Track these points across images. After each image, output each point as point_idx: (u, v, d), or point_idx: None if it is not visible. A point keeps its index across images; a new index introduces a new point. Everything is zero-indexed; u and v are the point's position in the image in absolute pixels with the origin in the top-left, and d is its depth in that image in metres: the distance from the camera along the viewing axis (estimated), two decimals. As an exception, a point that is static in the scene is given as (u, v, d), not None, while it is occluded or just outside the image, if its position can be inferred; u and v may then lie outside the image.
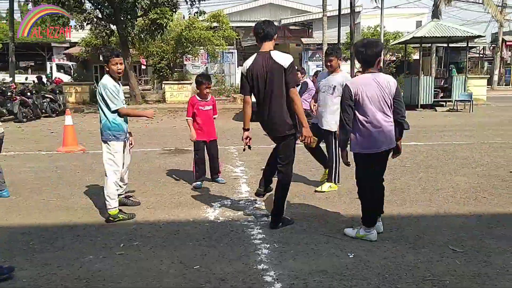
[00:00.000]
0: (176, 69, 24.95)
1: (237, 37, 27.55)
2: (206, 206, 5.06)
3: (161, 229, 4.36)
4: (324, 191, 5.55)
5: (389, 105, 3.84)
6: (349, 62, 20.89)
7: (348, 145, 3.98)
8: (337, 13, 23.01)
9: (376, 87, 3.79)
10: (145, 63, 27.47)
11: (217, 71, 26.94)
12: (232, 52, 27.88)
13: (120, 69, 4.60)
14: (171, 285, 3.18)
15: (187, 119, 6.06)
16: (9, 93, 14.10)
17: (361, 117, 3.83)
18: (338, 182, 5.69)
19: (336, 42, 21.74)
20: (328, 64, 5.62)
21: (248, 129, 4.42)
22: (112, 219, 4.56)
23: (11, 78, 17.84)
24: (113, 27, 19.03)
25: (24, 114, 14.08)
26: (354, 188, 5.66)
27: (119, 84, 4.68)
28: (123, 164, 4.81)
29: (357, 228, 4.07)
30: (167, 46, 23.18)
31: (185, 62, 26.21)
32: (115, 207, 4.59)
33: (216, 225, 4.47)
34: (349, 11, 21.17)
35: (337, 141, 5.52)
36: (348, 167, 4.35)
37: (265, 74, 4.08)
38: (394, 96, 3.85)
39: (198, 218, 4.69)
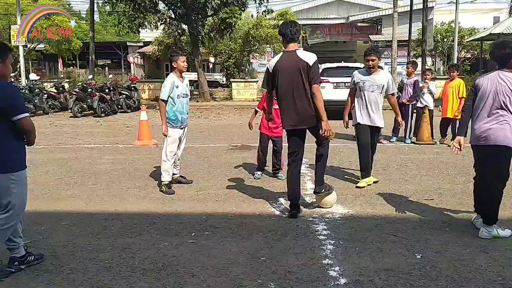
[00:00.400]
0: (242, 67, 25.40)
1: (303, 35, 27.47)
2: (272, 201, 5.20)
3: (229, 220, 4.55)
4: (363, 186, 5.71)
5: (506, 103, 3.87)
6: (420, 59, 20.12)
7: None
8: (408, 9, 22.29)
9: (498, 84, 3.90)
10: (212, 62, 28.19)
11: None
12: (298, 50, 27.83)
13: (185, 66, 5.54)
14: (239, 273, 3.35)
15: (255, 108, 6.48)
16: (89, 90, 15.14)
17: (478, 110, 4.02)
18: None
19: (407, 39, 21.07)
20: (370, 63, 5.70)
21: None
22: (160, 188, 5.61)
23: (91, 76, 19.04)
24: (184, 26, 19.73)
25: (102, 109, 15.03)
26: (421, 190, 5.59)
27: (182, 80, 5.55)
28: (178, 148, 5.73)
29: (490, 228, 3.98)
30: (235, 44, 23.67)
31: (251, 60, 26.60)
32: (166, 181, 5.58)
33: (281, 219, 4.59)
34: (421, 6, 20.39)
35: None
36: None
37: (292, 70, 4.40)
38: None
39: (265, 212, 4.83)
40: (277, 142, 6.30)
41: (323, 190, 4.78)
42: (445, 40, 26.11)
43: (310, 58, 4.41)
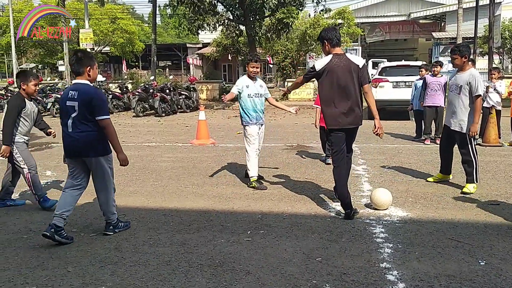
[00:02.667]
0: (299, 67, 25.33)
1: (361, 33, 26.96)
2: (328, 202, 5.16)
3: (285, 220, 4.57)
4: (472, 192, 5.38)
5: None
6: (486, 57, 19.09)
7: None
8: (474, 5, 21.19)
9: None
10: (271, 62, 28.33)
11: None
12: (356, 49, 27.34)
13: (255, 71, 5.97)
14: (294, 273, 3.35)
15: (316, 107, 7.18)
16: (151, 90, 15.74)
17: None
18: (477, 181, 5.51)
19: (472, 36, 20.06)
20: (452, 62, 5.57)
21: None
22: (250, 184, 5.86)
23: (153, 77, 19.76)
24: (242, 27, 19.99)
25: (163, 109, 15.57)
26: (486, 194, 5.31)
27: (253, 81, 5.97)
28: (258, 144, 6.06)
29: None
30: (292, 44, 23.66)
31: (308, 60, 26.47)
32: (253, 176, 5.87)
33: (337, 220, 4.54)
34: (488, 2, 19.34)
35: (472, 141, 5.50)
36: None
37: (344, 71, 4.57)
38: None
39: (320, 212, 4.80)
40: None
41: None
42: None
43: (360, 60, 4.71)
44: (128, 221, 4.50)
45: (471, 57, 12.80)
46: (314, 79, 4.85)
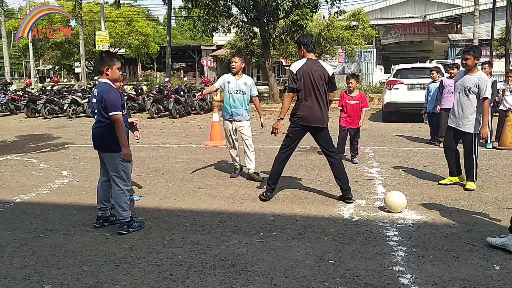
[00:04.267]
0: (313, 69, 25.27)
1: (376, 35, 26.78)
2: (340, 204, 5.14)
3: (297, 222, 4.57)
4: (475, 188, 5.59)
5: None
6: (503, 59, 18.83)
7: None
8: (490, 6, 20.92)
9: None
10: (288, 63, 28.31)
11: (354, 71, 26.54)
12: (371, 51, 27.18)
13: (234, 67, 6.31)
14: (306, 275, 3.35)
15: (339, 109, 7.70)
16: (165, 92, 15.86)
17: None
18: (476, 179, 5.70)
19: (489, 38, 19.80)
20: (464, 62, 5.58)
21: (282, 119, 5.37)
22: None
23: (167, 78, 19.91)
24: (256, 29, 20.02)
25: (177, 111, 15.67)
26: (502, 198, 5.25)
27: (236, 77, 6.32)
28: (234, 140, 6.46)
29: (504, 236, 3.77)
30: (306, 46, 23.60)
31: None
32: (236, 163, 6.61)
33: (350, 223, 4.52)
34: (505, 3, 19.08)
35: (476, 142, 5.63)
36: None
37: (317, 75, 4.99)
38: None
39: (333, 215, 4.79)
40: (354, 133, 7.48)
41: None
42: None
43: (330, 69, 5.16)
44: (143, 221, 4.55)
45: (488, 59, 12.68)
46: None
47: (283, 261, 3.60)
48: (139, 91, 18.27)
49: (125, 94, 17.61)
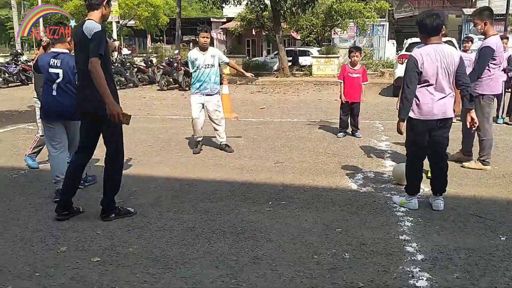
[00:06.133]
0: (324, 43, 24.96)
1: (389, 8, 26.26)
2: (349, 176, 5.19)
3: (306, 192, 4.63)
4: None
5: (451, 76, 3.90)
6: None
7: None
8: (509, -21, 20.35)
9: (439, 57, 3.85)
10: (298, 37, 27.94)
11: (366, 45, 26.14)
12: (383, 25, 26.70)
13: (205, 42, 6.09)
14: (314, 242, 3.43)
15: (340, 82, 7.53)
16: (175, 64, 15.82)
17: (423, 85, 3.91)
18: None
19: (504, 12, 19.33)
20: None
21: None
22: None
23: (177, 51, 19.82)
24: (267, 1, 19.72)
25: (187, 83, 15.63)
26: (510, 172, 5.25)
27: (203, 52, 6.15)
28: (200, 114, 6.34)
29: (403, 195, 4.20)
30: (317, 19, 23.25)
31: (333, 36, 26.02)
32: (196, 136, 6.48)
33: (358, 194, 4.57)
34: (524, -25, 18.53)
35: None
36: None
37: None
38: (457, 68, 3.89)
39: (341, 186, 4.84)
40: (355, 107, 7.41)
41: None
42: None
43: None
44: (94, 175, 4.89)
45: (503, 33, 12.38)
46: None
47: (291, 229, 3.68)
48: (149, 63, 18.24)
49: (135, 66, 17.60)
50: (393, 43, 26.62)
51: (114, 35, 20.81)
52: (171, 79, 15.74)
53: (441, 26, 3.96)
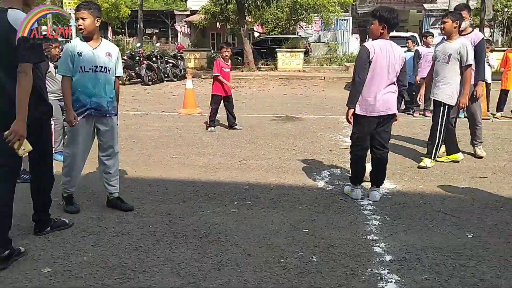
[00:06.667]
0: (290, 36, 24.94)
1: (353, 3, 26.53)
2: (315, 173, 5.10)
3: (272, 191, 4.51)
4: (429, 166, 5.27)
5: (395, 73, 4.01)
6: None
7: None
8: (467, -25, 20.90)
9: (389, 53, 3.95)
10: (261, 30, 27.80)
11: (330, 39, 26.32)
12: (347, 19, 26.96)
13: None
14: (280, 244, 3.30)
15: (217, 75, 7.45)
16: (137, 58, 15.36)
17: (369, 79, 3.98)
18: (435, 158, 5.33)
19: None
20: (442, 26, 5.22)
21: None
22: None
23: (139, 44, 19.29)
24: (231, -6, 19.50)
25: (149, 78, 15.24)
26: (476, 167, 5.31)
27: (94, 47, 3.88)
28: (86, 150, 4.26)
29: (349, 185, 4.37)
30: (282, 13, 23.18)
31: (297, 30, 26.05)
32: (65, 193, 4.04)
33: (325, 192, 4.49)
34: (482, -28, 19.05)
35: (445, 116, 5.17)
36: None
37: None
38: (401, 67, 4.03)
39: (307, 184, 4.75)
40: (229, 101, 7.63)
41: None
42: (505, 9, 24.39)
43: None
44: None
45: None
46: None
47: (256, 231, 3.54)
48: (110, 56, 17.62)
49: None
50: (356, 38, 26.92)
51: (73, 29, 20.02)
52: (133, 73, 15.27)
53: (398, 25, 4.10)
